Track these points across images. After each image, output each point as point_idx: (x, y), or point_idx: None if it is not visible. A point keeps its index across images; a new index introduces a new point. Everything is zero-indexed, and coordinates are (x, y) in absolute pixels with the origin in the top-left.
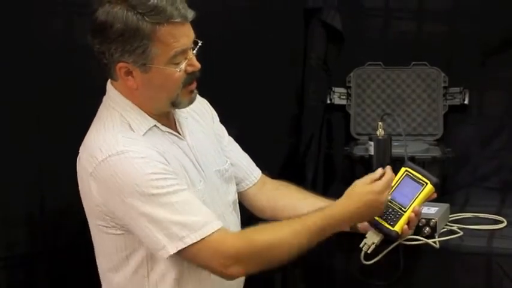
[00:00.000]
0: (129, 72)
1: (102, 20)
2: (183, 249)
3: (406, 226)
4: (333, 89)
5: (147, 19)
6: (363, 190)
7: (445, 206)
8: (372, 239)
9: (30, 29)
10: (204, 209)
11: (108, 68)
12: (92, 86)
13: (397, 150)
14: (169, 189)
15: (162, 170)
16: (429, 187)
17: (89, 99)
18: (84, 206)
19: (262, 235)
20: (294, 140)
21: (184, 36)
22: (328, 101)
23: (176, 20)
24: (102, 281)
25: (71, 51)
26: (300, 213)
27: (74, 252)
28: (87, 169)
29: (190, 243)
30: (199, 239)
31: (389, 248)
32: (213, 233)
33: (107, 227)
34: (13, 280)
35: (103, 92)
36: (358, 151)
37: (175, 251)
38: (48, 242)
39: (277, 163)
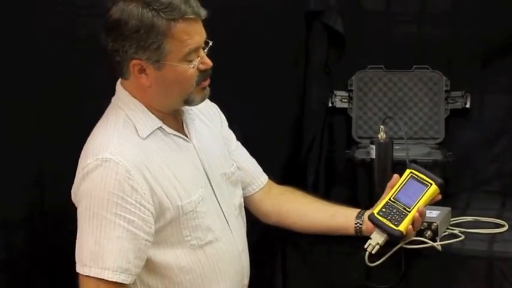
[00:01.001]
0: (142, 70)
1: (117, 18)
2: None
3: (410, 226)
4: (335, 92)
5: (162, 15)
6: None
7: (447, 209)
8: (376, 240)
9: (30, 29)
10: (125, 260)
11: (121, 66)
12: (92, 86)
13: (398, 153)
14: (115, 219)
15: (127, 197)
16: (434, 187)
17: (89, 99)
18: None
19: None
20: (295, 142)
21: (197, 34)
22: (330, 104)
23: (190, 17)
24: None
25: (71, 51)
26: (304, 218)
27: (74, 253)
28: (82, 166)
29: (88, 274)
30: (93, 275)
31: (393, 250)
32: (104, 280)
33: None
34: (13, 282)
35: (103, 92)
36: (359, 154)
37: (79, 271)
38: (48, 243)
39: (279, 165)
